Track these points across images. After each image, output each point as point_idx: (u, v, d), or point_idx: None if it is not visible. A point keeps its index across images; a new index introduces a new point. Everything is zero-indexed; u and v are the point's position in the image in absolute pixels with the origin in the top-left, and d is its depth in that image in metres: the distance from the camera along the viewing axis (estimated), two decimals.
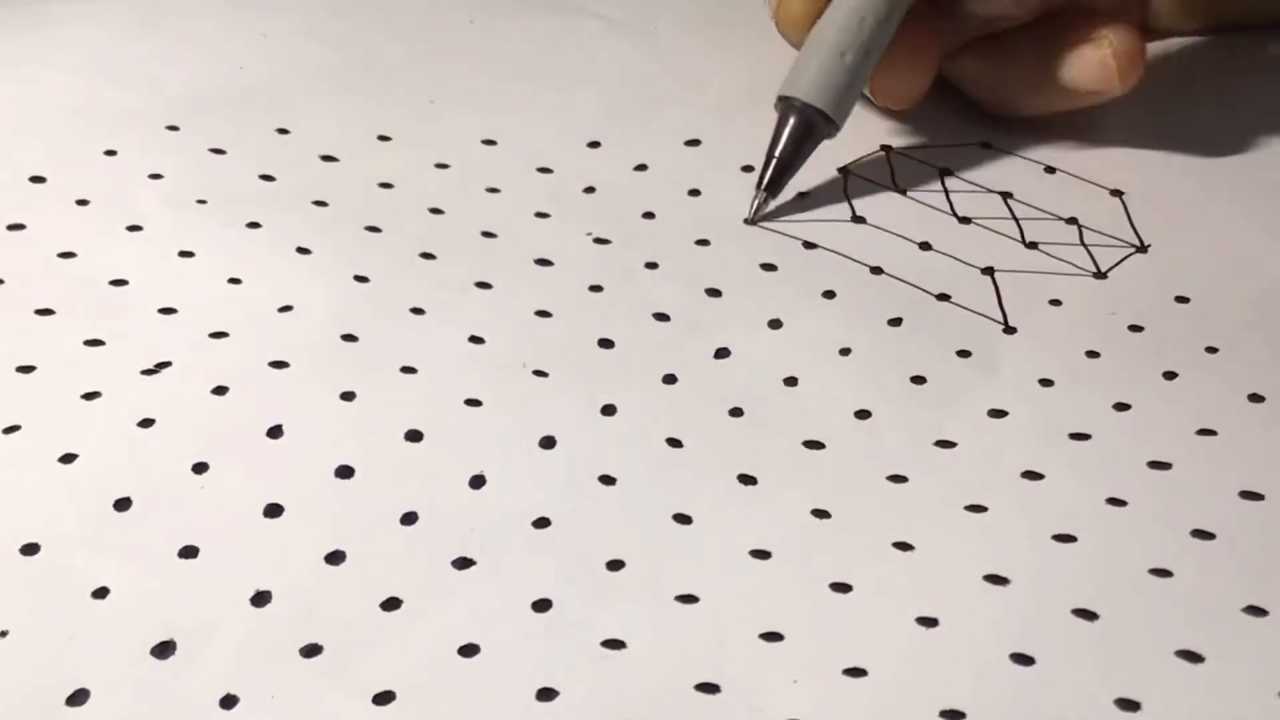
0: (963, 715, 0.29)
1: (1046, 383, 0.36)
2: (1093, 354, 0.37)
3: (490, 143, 0.45)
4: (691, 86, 0.48)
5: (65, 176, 0.42)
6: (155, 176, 0.42)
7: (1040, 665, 0.30)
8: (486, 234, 0.41)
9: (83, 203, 0.41)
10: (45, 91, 0.46)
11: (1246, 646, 0.30)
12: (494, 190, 0.43)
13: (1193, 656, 0.30)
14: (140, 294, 0.38)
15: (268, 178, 0.43)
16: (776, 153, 0.42)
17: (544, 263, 0.40)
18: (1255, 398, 0.36)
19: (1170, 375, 0.37)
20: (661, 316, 0.39)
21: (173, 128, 0.44)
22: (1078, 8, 0.43)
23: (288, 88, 0.47)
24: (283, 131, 0.45)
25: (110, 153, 0.43)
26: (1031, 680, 0.29)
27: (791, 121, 0.42)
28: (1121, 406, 0.36)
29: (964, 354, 0.37)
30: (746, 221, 0.42)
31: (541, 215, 0.42)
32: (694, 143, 0.45)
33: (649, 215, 0.42)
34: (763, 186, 0.42)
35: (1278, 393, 0.36)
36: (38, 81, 0.46)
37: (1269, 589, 0.31)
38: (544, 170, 0.44)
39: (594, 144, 0.45)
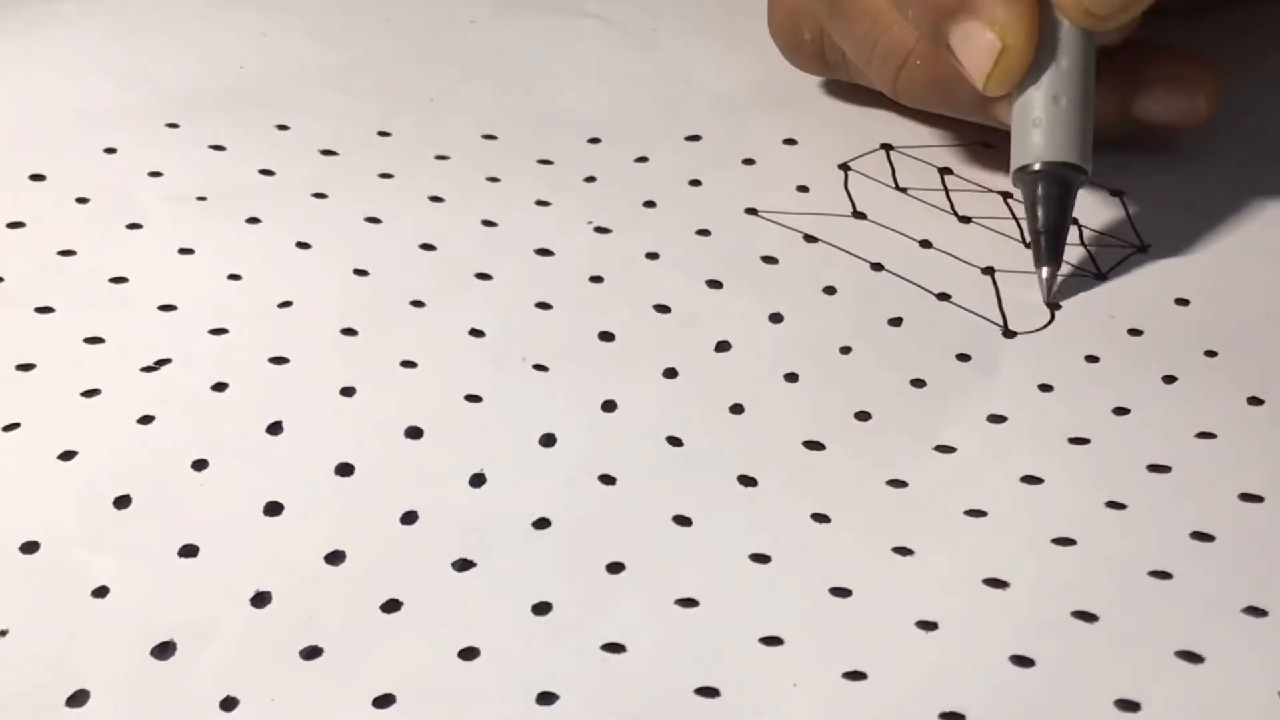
0: (963, 718, 0.29)
1: (1046, 388, 0.36)
2: (1092, 359, 0.37)
3: (490, 137, 0.45)
4: (691, 87, 0.48)
5: (65, 174, 0.42)
6: (155, 174, 0.42)
7: (1040, 667, 0.30)
8: (487, 222, 0.41)
9: (82, 200, 0.41)
10: (45, 90, 0.46)
11: (1247, 647, 0.30)
12: (494, 180, 0.43)
13: (1193, 657, 0.30)
14: (140, 291, 0.38)
15: (267, 172, 0.43)
16: (1041, 226, 0.39)
17: (545, 253, 0.40)
18: (1254, 400, 0.36)
19: (1169, 379, 0.37)
20: (662, 308, 0.39)
21: (172, 125, 0.45)
22: (1153, 43, 0.43)
23: (288, 86, 0.47)
24: (282, 128, 0.45)
25: (110, 150, 0.43)
26: (1032, 682, 0.29)
27: (1041, 189, 0.39)
28: (1121, 411, 0.36)
29: (964, 358, 0.37)
30: (1049, 304, 0.39)
31: (542, 204, 0.42)
32: (694, 138, 0.45)
33: (650, 204, 0.42)
34: (1044, 263, 0.39)
35: (1277, 396, 0.36)
36: (37, 80, 0.46)
37: (1269, 590, 0.31)
38: (544, 161, 0.44)
39: (594, 140, 0.45)
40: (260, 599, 0.31)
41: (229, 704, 0.29)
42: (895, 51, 0.42)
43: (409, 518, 0.32)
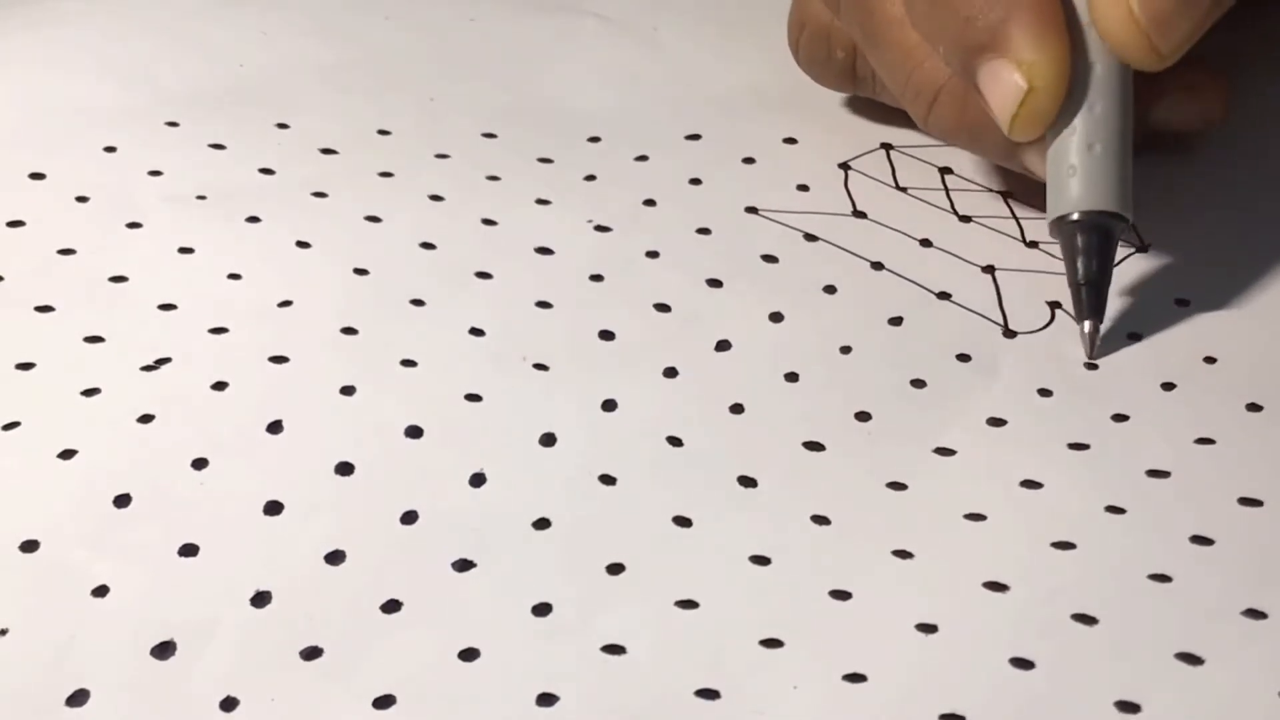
0: (963, 719, 0.29)
1: (1045, 392, 0.36)
2: (1091, 366, 0.37)
3: (490, 135, 0.45)
4: (691, 86, 0.48)
5: (65, 173, 0.42)
6: (155, 173, 0.42)
7: (1040, 669, 0.30)
8: (487, 221, 0.41)
9: (82, 199, 0.41)
10: (45, 88, 0.46)
11: (1246, 649, 0.30)
12: (494, 178, 0.43)
13: (1193, 659, 0.30)
14: (140, 290, 0.38)
15: (267, 171, 0.43)
16: (1081, 279, 0.37)
17: (544, 251, 0.40)
18: (1253, 407, 0.36)
19: (1168, 386, 0.37)
20: (662, 307, 0.39)
21: (172, 124, 0.44)
22: None
23: (287, 85, 0.47)
24: (282, 126, 0.45)
25: (110, 149, 0.43)
26: (1032, 684, 0.29)
27: (1080, 240, 0.37)
28: (1120, 417, 0.36)
29: (964, 358, 0.37)
30: (1089, 361, 0.37)
31: (542, 202, 0.42)
32: (694, 137, 0.45)
33: (650, 203, 0.42)
34: (1086, 317, 0.37)
35: (1275, 401, 0.36)
36: (37, 79, 0.46)
37: (1268, 592, 0.31)
38: (544, 160, 0.44)
39: (594, 139, 0.45)
40: (260, 599, 0.31)
41: (229, 704, 0.29)
42: (927, 87, 0.41)
43: (409, 517, 0.33)
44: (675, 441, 0.35)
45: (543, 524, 0.32)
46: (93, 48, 0.48)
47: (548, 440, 0.35)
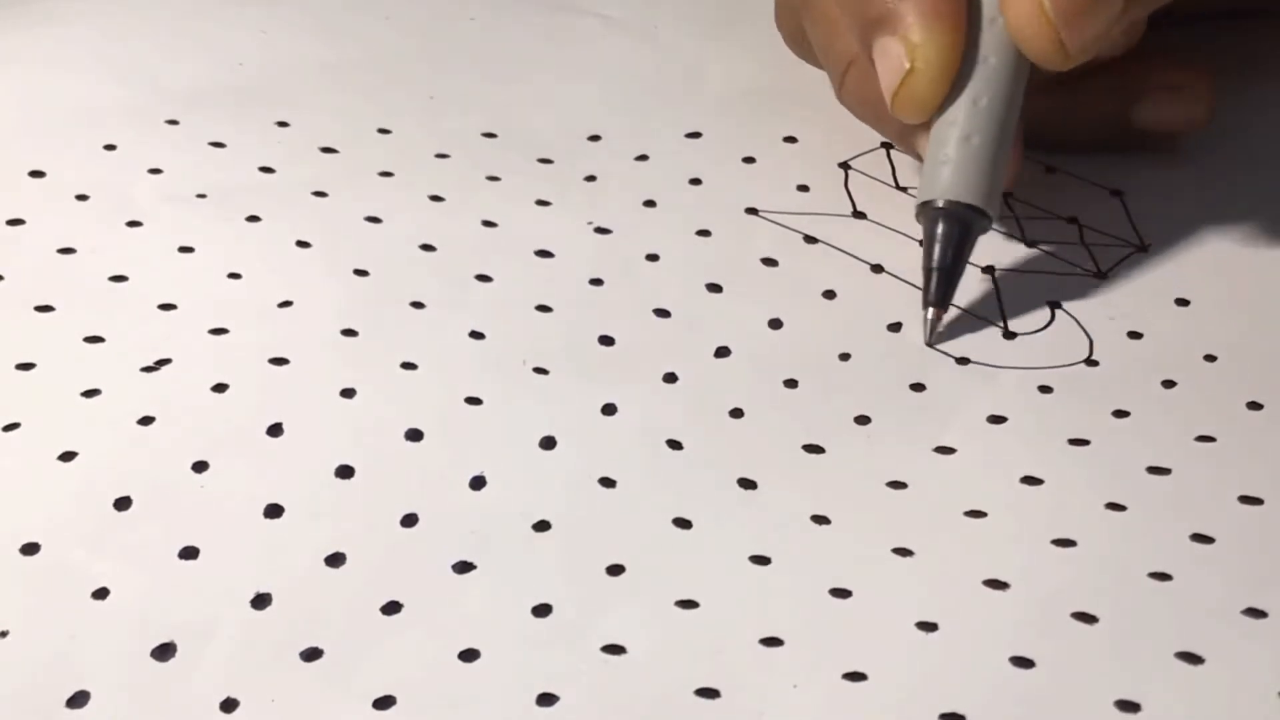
0: (962, 718, 0.29)
1: (1045, 389, 0.36)
2: (1092, 362, 0.37)
3: (490, 135, 0.45)
4: (691, 84, 0.48)
5: (65, 172, 0.42)
6: (155, 171, 0.42)
7: (1040, 668, 0.30)
8: (487, 223, 0.41)
9: (82, 198, 0.41)
10: (45, 87, 0.46)
11: (1246, 648, 0.30)
12: (494, 179, 0.43)
13: (1193, 658, 0.30)
14: (140, 290, 0.38)
15: (267, 170, 0.43)
16: (935, 264, 0.37)
17: (544, 254, 0.40)
18: (1254, 405, 0.36)
19: (1169, 384, 0.37)
20: (662, 313, 0.39)
21: (172, 122, 0.44)
22: (1150, 49, 0.42)
23: (287, 83, 0.47)
24: (282, 125, 0.45)
25: (110, 147, 0.43)
26: (1032, 683, 0.29)
27: (941, 227, 0.37)
28: (1120, 414, 0.36)
29: (963, 361, 0.37)
30: (927, 344, 0.38)
31: (542, 203, 0.42)
32: (694, 135, 0.45)
33: (650, 204, 0.42)
34: (930, 303, 0.38)
35: (1275, 400, 0.36)
36: (38, 77, 0.46)
37: (1269, 591, 0.31)
38: (544, 160, 0.44)
39: (594, 137, 0.45)
40: (260, 600, 0.31)
41: (229, 705, 0.29)
42: (841, 60, 0.41)
43: (409, 520, 0.33)
44: (675, 445, 0.35)
45: (543, 526, 0.32)
46: (93, 47, 0.48)
47: (547, 443, 0.35)
